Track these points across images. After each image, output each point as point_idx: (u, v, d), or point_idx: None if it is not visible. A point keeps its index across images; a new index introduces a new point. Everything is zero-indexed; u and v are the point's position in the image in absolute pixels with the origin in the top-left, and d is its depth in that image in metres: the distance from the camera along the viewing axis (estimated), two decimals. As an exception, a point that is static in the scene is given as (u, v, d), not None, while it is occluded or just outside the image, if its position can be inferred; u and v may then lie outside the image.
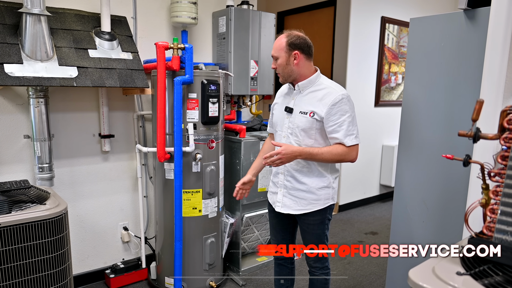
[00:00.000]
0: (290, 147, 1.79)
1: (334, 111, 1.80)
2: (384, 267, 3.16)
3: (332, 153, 1.81)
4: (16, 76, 2.01)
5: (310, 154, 1.81)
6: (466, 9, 1.71)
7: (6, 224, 1.67)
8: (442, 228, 1.94)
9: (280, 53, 1.85)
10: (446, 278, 1.06)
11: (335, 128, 1.81)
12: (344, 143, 1.81)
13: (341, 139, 1.81)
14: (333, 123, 1.81)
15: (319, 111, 1.82)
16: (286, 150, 1.77)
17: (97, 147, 2.68)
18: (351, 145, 1.81)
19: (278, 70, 1.90)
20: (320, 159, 1.82)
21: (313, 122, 1.84)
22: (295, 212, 1.96)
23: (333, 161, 1.85)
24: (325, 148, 1.83)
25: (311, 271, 2.07)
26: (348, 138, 1.81)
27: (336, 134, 1.81)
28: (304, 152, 1.80)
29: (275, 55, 1.88)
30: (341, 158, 1.83)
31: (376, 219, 4.35)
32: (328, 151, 1.81)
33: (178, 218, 2.42)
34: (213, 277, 2.70)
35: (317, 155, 1.81)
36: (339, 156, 1.82)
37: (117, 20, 2.57)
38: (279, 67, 1.88)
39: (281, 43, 1.85)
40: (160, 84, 2.28)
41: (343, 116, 1.80)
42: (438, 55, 1.90)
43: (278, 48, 1.86)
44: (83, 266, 2.74)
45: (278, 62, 1.87)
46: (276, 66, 1.89)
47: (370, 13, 4.32)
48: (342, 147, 1.82)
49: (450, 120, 1.86)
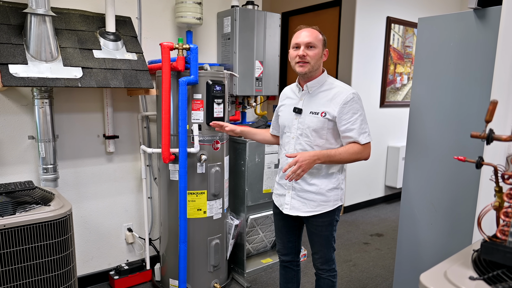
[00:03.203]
0: (305, 153, 1.74)
1: (346, 110, 1.79)
2: (389, 269, 3.13)
3: (349, 153, 1.79)
4: (21, 76, 2.00)
5: (329, 156, 1.77)
6: (476, 8, 1.69)
7: (10, 225, 1.66)
8: (450, 231, 1.91)
9: (319, 44, 1.81)
10: (458, 283, 1.03)
11: (348, 126, 1.79)
12: (359, 141, 1.80)
13: (355, 138, 1.80)
14: (346, 121, 1.79)
15: (331, 111, 1.80)
16: (303, 157, 1.71)
17: (102, 148, 2.67)
18: (365, 143, 1.81)
19: (311, 59, 1.79)
20: (338, 160, 1.80)
21: (324, 122, 1.82)
22: (304, 214, 1.93)
23: (350, 160, 1.82)
24: (341, 149, 1.81)
25: (318, 274, 2.05)
26: (362, 136, 1.80)
27: (349, 133, 1.80)
28: (322, 155, 1.76)
29: (314, 43, 1.79)
30: (357, 157, 1.82)
31: (381, 221, 4.32)
32: (345, 151, 1.80)
33: (183, 219, 2.40)
34: (218, 278, 2.68)
35: (335, 156, 1.78)
36: (356, 155, 1.81)
37: (122, 21, 2.56)
38: (315, 56, 1.80)
39: (319, 35, 1.81)
40: (165, 84, 2.27)
41: (355, 115, 1.79)
42: (446, 55, 1.87)
43: (317, 38, 1.80)
44: (87, 268, 2.73)
45: (315, 52, 1.79)
46: (310, 54, 1.79)
47: (375, 13, 4.29)
48: (358, 145, 1.81)
49: (459, 121, 1.84)
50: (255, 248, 3.19)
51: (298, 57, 1.81)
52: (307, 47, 1.79)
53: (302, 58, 1.80)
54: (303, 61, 1.80)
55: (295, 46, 1.83)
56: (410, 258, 2.12)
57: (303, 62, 1.81)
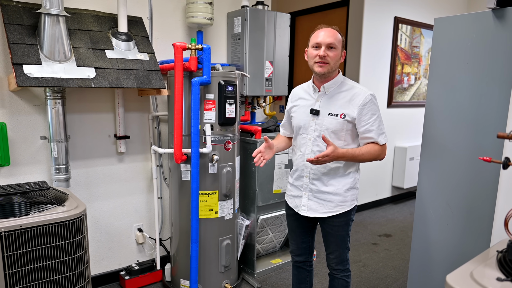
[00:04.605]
0: (337, 150, 1.72)
1: (365, 111, 1.80)
2: (400, 270, 3.13)
3: (370, 153, 1.82)
4: (35, 77, 2.00)
5: (353, 156, 1.79)
6: (495, 8, 1.68)
7: (26, 225, 1.66)
8: (467, 232, 1.90)
9: (339, 45, 1.80)
10: (486, 284, 1.03)
11: (368, 127, 1.82)
12: (378, 142, 1.84)
13: (375, 138, 1.83)
14: (365, 123, 1.81)
15: (350, 112, 1.81)
16: (334, 153, 1.71)
17: (113, 148, 2.67)
18: (384, 143, 1.85)
19: (331, 59, 1.78)
20: (361, 159, 1.83)
21: (344, 123, 1.82)
22: (322, 215, 1.93)
23: (370, 160, 1.85)
24: (364, 149, 1.83)
25: (332, 274, 2.04)
26: (381, 136, 1.84)
27: (369, 133, 1.82)
28: (347, 154, 1.77)
29: (334, 44, 1.77)
30: (376, 157, 1.85)
31: (389, 221, 4.31)
32: (367, 151, 1.82)
33: (195, 220, 2.40)
34: (229, 279, 2.68)
35: (359, 156, 1.81)
36: (376, 155, 1.85)
37: (133, 21, 2.56)
38: (335, 57, 1.79)
39: (339, 36, 1.81)
40: (178, 85, 2.26)
41: (374, 116, 1.82)
42: (463, 55, 1.86)
43: (338, 39, 1.79)
44: (98, 268, 2.73)
45: (336, 53, 1.79)
46: (330, 55, 1.77)
47: (383, 14, 4.28)
48: (377, 146, 1.85)
49: (476, 121, 1.83)
50: (264, 249, 3.18)
51: (318, 57, 1.79)
52: (328, 48, 1.78)
53: (322, 59, 1.78)
54: (323, 62, 1.79)
55: (315, 46, 1.81)
56: (424, 258, 2.11)
57: (323, 63, 1.79)
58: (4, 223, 1.62)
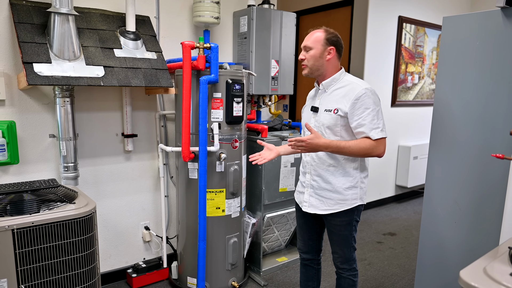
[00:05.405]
0: (317, 139, 1.75)
1: (357, 105, 1.78)
2: (405, 268, 3.14)
3: (359, 147, 1.77)
4: (45, 75, 2.02)
5: (337, 147, 1.77)
6: (504, 7, 1.69)
7: (38, 223, 1.67)
8: (475, 229, 1.91)
9: (316, 45, 1.86)
10: (500, 279, 1.04)
11: (360, 122, 1.78)
12: (370, 136, 1.78)
13: (367, 133, 1.78)
14: (358, 117, 1.78)
15: (342, 107, 1.81)
16: (312, 140, 1.74)
17: (120, 146, 2.68)
18: (378, 138, 1.78)
19: (307, 61, 1.89)
20: (348, 152, 1.79)
21: (337, 118, 1.83)
22: (322, 212, 1.94)
23: (361, 155, 1.80)
24: (352, 142, 1.79)
25: (338, 273, 2.05)
26: (373, 131, 1.78)
27: (361, 128, 1.79)
28: (331, 145, 1.76)
29: (309, 46, 1.87)
30: (368, 152, 1.79)
31: (393, 220, 4.32)
32: (356, 144, 1.78)
33: (202, 218, 2.42)
34: (235, 277, 2.69)
35: (344, 148, 1.77)
36: (366, 150, 1.78)
37: (141, 20, 2.57)
38: (311, 58, 1.88)
39: (319, 36, 1.87)
40: (186, 83, 2.28)
41: (367, 110, 1.78)
42: (472, 54, 1.87)
43: (315, 40, 1.87)
44: (105, 265, 2.74)
45: (311, 53, 1.87)
46: (307, 56, 1.88)
47: (387, 13, 4.29)
48: (369, 140, 1.79)
49: (485, 119, 1.84)
50: (270, 247, 3.20)
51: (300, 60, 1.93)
52: (306, 50, 1.90)
53: (302, 62, 1.92)
54: (303, 64, 1.92)
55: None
56: (432, 255, 2.12)
57: (304, 65, 1.92)
58: (16, 220, 1.64)
